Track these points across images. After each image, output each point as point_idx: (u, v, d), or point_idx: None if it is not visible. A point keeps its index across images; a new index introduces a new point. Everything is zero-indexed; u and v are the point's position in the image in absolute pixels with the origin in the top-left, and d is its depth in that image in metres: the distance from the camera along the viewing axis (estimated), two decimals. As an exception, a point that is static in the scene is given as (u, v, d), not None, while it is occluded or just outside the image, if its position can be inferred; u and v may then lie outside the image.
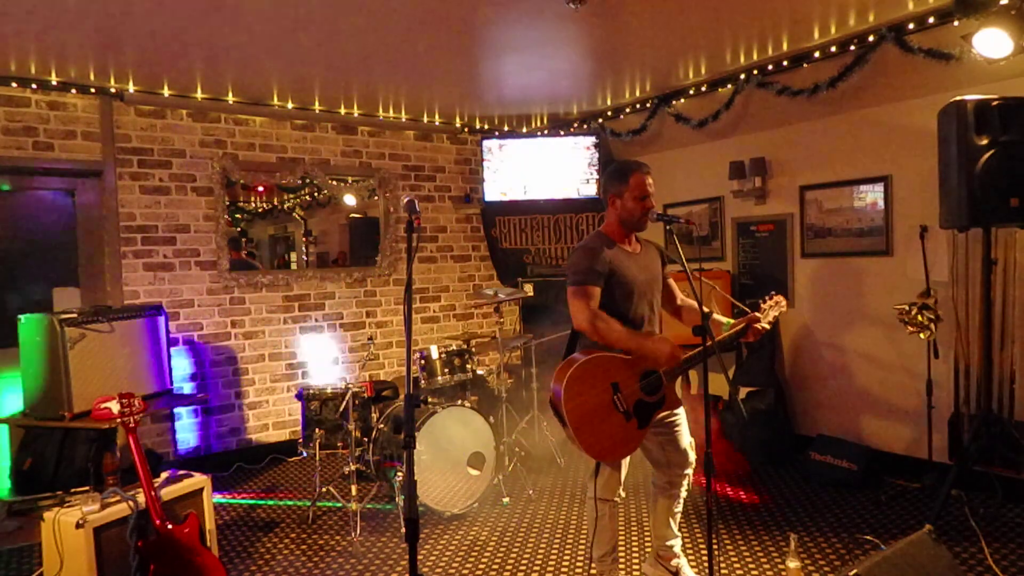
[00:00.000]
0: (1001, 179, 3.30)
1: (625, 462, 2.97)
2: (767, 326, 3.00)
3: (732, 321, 3.02)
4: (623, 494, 3.01)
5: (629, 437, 2.84)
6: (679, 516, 3.15)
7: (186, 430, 5.24)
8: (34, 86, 4.59)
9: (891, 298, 4.32)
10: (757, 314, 3.01)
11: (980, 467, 3.85)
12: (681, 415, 3.06)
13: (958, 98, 3.41)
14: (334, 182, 5.98)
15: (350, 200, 6.28)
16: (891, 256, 4.53)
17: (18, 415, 3.60)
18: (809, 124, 4.94)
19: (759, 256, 5.35)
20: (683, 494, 3.11)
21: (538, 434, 5.24)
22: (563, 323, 3.15)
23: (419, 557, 3.62)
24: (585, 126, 6.34)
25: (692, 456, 3.08)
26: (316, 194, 6.62)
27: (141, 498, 3.00)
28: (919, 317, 3.87)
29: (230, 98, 5.16)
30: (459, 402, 4.27)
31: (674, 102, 5.46)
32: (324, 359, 5.86)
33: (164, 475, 3.40)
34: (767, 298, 3.07)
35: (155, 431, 5.10)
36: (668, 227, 2.89)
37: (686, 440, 3.06)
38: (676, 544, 3.14)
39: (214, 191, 5.31)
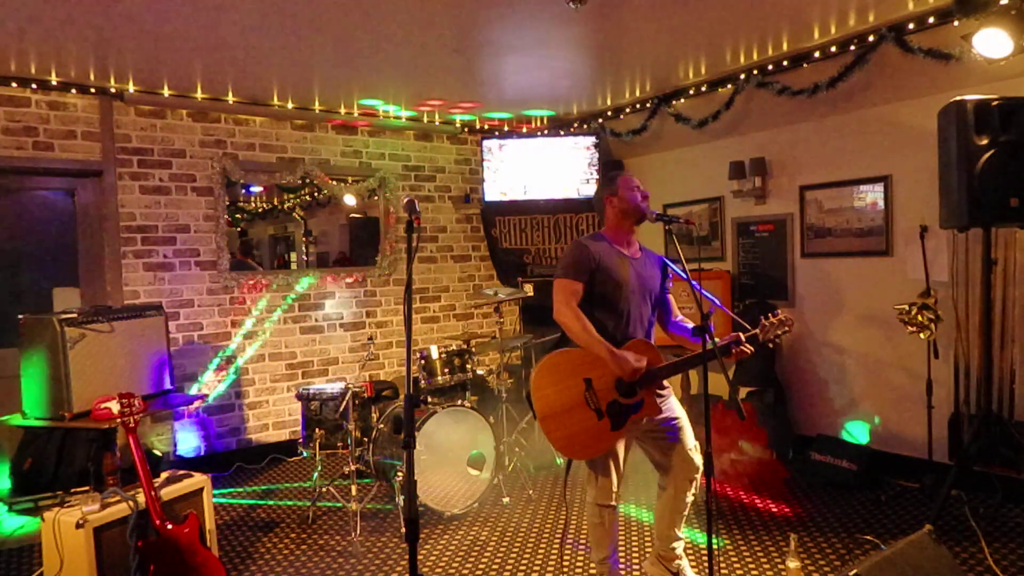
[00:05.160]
0: (1001, 179, 3.30)
1: (619, 466, 2.93)
2: (750, 349, 2.80)
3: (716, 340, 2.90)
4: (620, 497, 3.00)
5: (600, 437, 2.79)
6: (683, 518, 3.13)
7: (186, 430, 5.25)
8: (34, 86, 4.59)
9: (891, 298, 4.32)
10: (741, 334, 2.82)
11: (980, 467, 3.85)
12: (683, 418, 3.04)
13: (958, 98, 3.41)
14: (334, 182, 5.98)
15: (350, 200, 6.28)
16: (891, 256, 4.53)
17: (18, 415, 3.60)
18: (809, 124, 4.94)
19: (759, 256, 5.35)
20: (690, 498, 3.07)
21: (538, 434, 5.24)
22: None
23: (419, 557, 3.62)
24: (585, 126, 6.33)
25: (698, 459, 3.02)
26: (316, 194, 6.62)
27: (141, 498, 3.00)
28: (919, 317, 3.87)
29: (230, 98, 5.17)
30: (459, 402, 4.27)
31: (674, 102, 5.46)
32: (323, 359, 5.86)
33: (164, 475, 3.40)
34: (771, 315, 2.89)
35: (155, 431, 5.10)
36: (668, 227, 2.88)
37: (690, 444, 3.01)
38: (679, 546, 3.13)
39: (214, 191, 5.31)
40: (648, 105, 5.66)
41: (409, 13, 3.65)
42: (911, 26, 3.95)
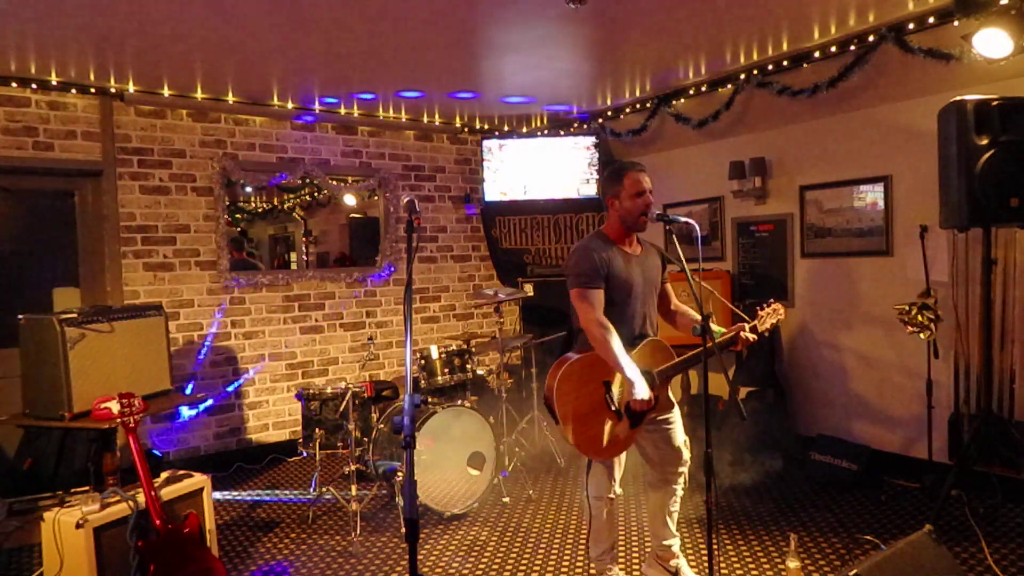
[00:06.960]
0: (1001, 179, 3.30)
1: (620, 459, 2.97)
2: (754, 337, 2.92)
3: (723, 330, 2.97)
4: (619, 490, 3.02)
5: (620, 436, 2.83)
6: (676, 515, 3.14)
7: (186, 430, 5.24)
8: (34, 86, 4.59)
9: (891, 298, 4.32)
10: (745, 324, 2.94)
11: (980, 467, 3.84)
12: (676, 414, 3.07)
13: (958, 98, 3.40)
14: (334, 182, 5.97)
15: (350, 200, 6.28)
16: (891, 256, 4.53)
17: (18, 415, 3.60)
18: (809, 124, 4.94)
19: (759, 256, 5.35)
20: (679, 492, 3.11)
21: (538, 434, 5.24)
22: (563, 323, 3.15)
23: (419, 557, 3.62)
24: (585, 126, 6.33)
25: (687, 454, 3.07)
26: (316, 194, 6.62)
27: (141, 498, 3.00)
28: (919, 317, 3.87)
29: (230, 98, 5.16)
30: (459, 402, 4.27)
31: (674, 102, 5.45)
32: (323, 359, 5.86)
33: (164, 475, 3.39)
34: (765, 305, 3.04)
35: (155, 431, 5.10)
36: (668, 227, 2.89)
37: (680, 438, 3.06)
38: (674, 544, 3.13)
39: (214, 191, 5.31)
40: (648, 105, 5.66)
41: (410, 13, 3.65)
42: (911, 26, 3.95)
